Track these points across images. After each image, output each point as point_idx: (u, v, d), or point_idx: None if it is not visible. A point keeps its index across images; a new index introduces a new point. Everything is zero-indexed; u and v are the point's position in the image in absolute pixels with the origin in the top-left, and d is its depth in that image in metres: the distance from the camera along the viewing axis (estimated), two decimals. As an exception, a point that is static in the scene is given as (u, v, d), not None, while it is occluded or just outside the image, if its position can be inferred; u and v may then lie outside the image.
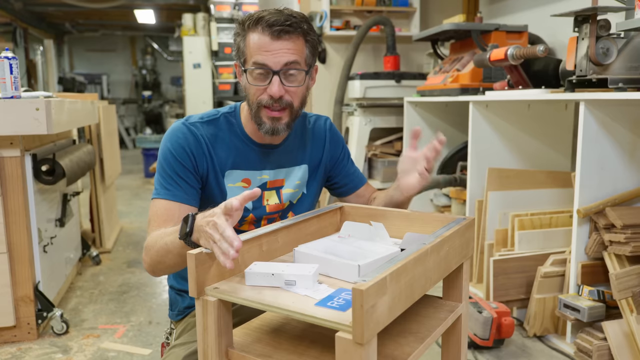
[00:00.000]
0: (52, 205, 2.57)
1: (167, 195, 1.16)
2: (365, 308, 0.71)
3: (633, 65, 1.91)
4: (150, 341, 2.26)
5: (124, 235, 4.04)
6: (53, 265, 2.51)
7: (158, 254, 1.06)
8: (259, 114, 1.17)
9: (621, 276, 1.79)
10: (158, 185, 1.18)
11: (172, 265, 1.05)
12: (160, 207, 1.15)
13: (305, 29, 1.14)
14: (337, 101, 3.68)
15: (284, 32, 1.10)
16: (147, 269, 1.12)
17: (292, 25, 1.11)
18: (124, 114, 11.76)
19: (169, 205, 1.15)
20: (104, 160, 3.47)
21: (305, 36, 1.15)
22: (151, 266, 1.10)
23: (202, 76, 6.87)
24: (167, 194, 1.16)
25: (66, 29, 10.79)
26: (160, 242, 1.05)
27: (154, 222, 1.14)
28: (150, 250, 1.08)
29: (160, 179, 1.18)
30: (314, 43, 1.18)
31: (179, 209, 1.15)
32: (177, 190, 1.16)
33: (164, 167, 1.18)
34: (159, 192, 1.17)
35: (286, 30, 1.10)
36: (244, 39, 1.15)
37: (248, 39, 1.14)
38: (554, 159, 2.73)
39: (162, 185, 1.17)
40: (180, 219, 1.14)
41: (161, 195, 1.16)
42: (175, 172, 1.17)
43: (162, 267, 1.07)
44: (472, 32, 2.82)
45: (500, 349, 2.07)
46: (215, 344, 0.89)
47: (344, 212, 1.27)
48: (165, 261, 1.05)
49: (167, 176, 1.17)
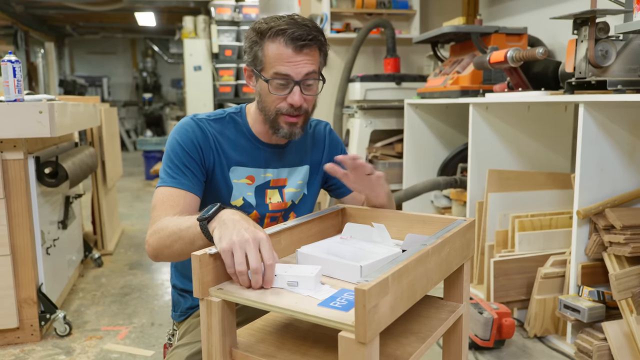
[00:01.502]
0: (55, 208, 2.58)
1: (173, 183, 1.17)
2: (367, 308, 0.73)
3: (632, 67, 1.92)
4: (152, 342, 2.27)
5: (126, 238, 4.05)
6: (56, 267, 2.52)
7: (168, 238, 1.05)
8: (277, 120, 1.21)
9: (621, 277, 1.80)
10: (164, 174, 1.20)
11: (179, 252, 1.04)
12: (165, 194, 1.16)
13: (322, 41, 1.19)
14: (338, 103, 3.69)
15: (306, 46, 1.15)
16: (150, 252, 1.11)
17: (313, 40, 1.15)
18: (125, 117, 11.78)
19: (175, 192, 1.16)
20: (105, 163, 3.48)
21: (321, 47, 1.20)
22: (156, 250, 1.09)
23: (203, 78, 6.87)
24: (174, 181, 1.17)
25: (67, 31, 10.81)
26: (172, 227, 1.04)
27: (160, 208, 1.14)
28: (159, 233, 1.07)
29: (166, 168, 1.20)
30: (326, 51, 1.23)
31: (184, 196, 1.16)
32: (183, 178, 1.18)
33: (172, 158, 1.20)
34: (165, 180, 1.18)
35: (308, 44, 1.15)
36: (261, 47, 1.17)
37: (267, 49, 1.16)
38: (553, 161, 2.75)
39: (168, 174, 1.19)
40: (185, 207, 1.16)
41: (167, 183, 1.18)
42: (182, 162, 1.19)
43: (168, 253, 1.07)
44: (472, 35, 2.84)
45: (501, 350, 2.08)
46: (220, 344, 0.90)
47: (346, 213, 1.29)
48: (174, 246, 1.04)
49: (173, 166, 1.19)
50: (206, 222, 0.96)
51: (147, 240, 1.11)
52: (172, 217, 1.10)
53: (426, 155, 3.39)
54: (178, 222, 1.05)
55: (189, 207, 1.17)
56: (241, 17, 6.57)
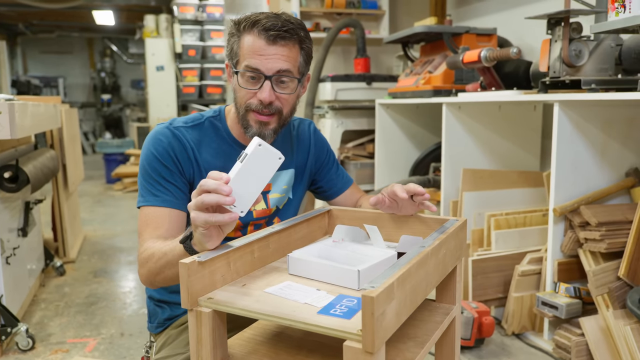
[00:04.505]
0: (14, 214, 2.44)
1: (155, 202, 1.10)
2: (376, 315, 0.69)
3: (603, 66, 1.96)
4: (123, 354, 2.17)
5: (88, 244, 3.89)
6: (16, 277, 2.38)
7: (157, 266, 1.00)
8: (247, 117, 1.15)
9: (598, 273, 1.83)
10: (144, 191, 1.12)
11: (172, 276, 0.99)
12: (149, 215, 1.09)
13: (302, 37, 1.12)
14: (308, 103, 3.65)
15: (279, 37, 1.08)
16: (145, 282, 1.06)
17: (288, 32, 1.08)
18: (82, 118, 11.37)
19: (158, 212, 1.10)
20: (67, 166, 3.33)
21: (301, 44, 1.13)
22: (149, 278, 1.04)
23: (166, 79, 6.73)
24: (155, 199, 1.10)
25: (19, 30, 10.36)
26: (158, 254, 0.99)
27: (145, 232, 1.08)
28: (148, 262, 1.02)
29: (145, 184, 1.12)
30: (309, 51, 1.16)
31: (169, 214, 1.10)
32: (165, 195, 1.11)
33: (149, 173, 1.12)
34: (147, 199, 1.11)
35: (282, 35, 1.08)
36: (238, 40, 1.11)
37: (242, 41, 1.10)
38: (523, 159, 2.79)
39: (148, 191, 1.11)
40: (171, 225, 1.10)
41: (149, 202, 1.11)
42: (161, 177, 1.12)
43: (161, 279, 1.02)
44: (444, 35, 2.85)
45: (481, 349, 2.09)
46: (210, 356, 0.85)
47: (332, 215, 1.25)
48: (165, 272, 0.99)
49: (153, 181, 1.12)
50: (189, 240, 0.91)
51: (139, 271, 1.06)
52: (156, 242, 1.04)
53: (398, 155, 3.39)
54: (162, 247, 1.00)
55: (175, 225, 1.10)
56: (205, 17, 6.46)
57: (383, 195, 1.11)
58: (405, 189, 1.06)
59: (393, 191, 1.07)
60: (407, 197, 1.06)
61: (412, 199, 1.08)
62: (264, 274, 0.97)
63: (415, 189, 1.05)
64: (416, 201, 1.08)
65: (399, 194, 1.05)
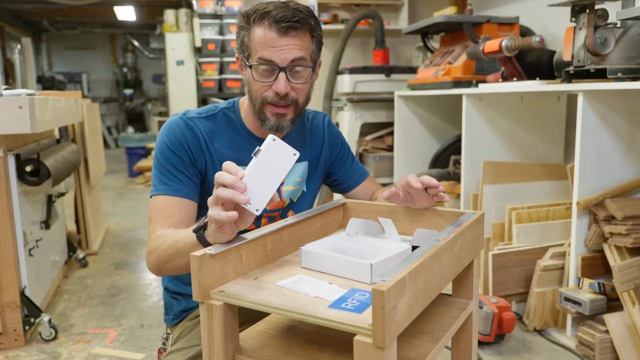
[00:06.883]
0: (37, 207, 2.48)
1: (166, 191, 1.10)
2: (386, 310, 0.67)
3: (630, 55, 1.89)
4: (143, 345, 2.20)
5: (110, 237, 3.95)
6: (39, 269, 2.42)
7: (166, 254, 1.00)
8: (263, 110, 1.14)
9: (624, 268, 1.77)
10: (157, 181, 1.13)
11: (179, 265, 0.99)
12: (160, 204, 1.10)
13: (312, 25, 1.11)
14: (327, 96, 3.63)
15: (291, 28, 1.07)
16: (152, 269, 1.06)
17: (299, 21, 1.07)
18: (105, 113, 11.57)
19: (170, 201, 1.10)
20: (88, 160, 3.37)
21: (312, 32, 1.12)
22: (157, 266, 1.04)
23: (186, 73, 6.76)
24: (167, 189, 1.11)
25: (44, 27, 10.55)
26: (169, 241, 0.99)
27: (156, 220, 1.09)
28: (157, 250, 1.02)
29: (158, 174, 1.13)
30: (320, 38, 1.15)
31: (180, 204, 1.10)
32: (177, 184, 1.11)
33: (162, 162, 1.13)
34: (158, 188, 1.12)
35: (293, 26, 1.07)
36: (248, 32, 1.11)
37: (253, 33, 1.09)
38: (546, 151, 2.72)
39: (160, 180, 1.12)
40: (182, 215, 1.10)
41: (160, 191, 1.11)
42: (173, 166, 1.12)
43: (170, 268, 1.02)
44: (464, 25, 2.79)
45: (501, 344, 2.05)
46: (222, 350, 0.84)
47: (347, 208, 1.23)
48: (173, 260, 0.99)
49: (165, 171, 1.12)
50: (202, 231, 0.90)
51: (147, 257, 1.06)
52: (167, 230, 1.04)
53: (417, 147, 3.35)
54: (174, 235, 0.99)
55: (186, 215, 1.11)
56: (224, 10, 6.46)
57: (397, 189, 1.09)
58: (419, 179, 1.04)
59: (407, 182, 1.05)
60: (421, 187, 1.03)
61: (426, 191, 1.06)
62: (276, 267, 0.96)
63: (429, 181, 1.02)
64: (430, 193, 1.06)
65: (413, 183, 1.03)
